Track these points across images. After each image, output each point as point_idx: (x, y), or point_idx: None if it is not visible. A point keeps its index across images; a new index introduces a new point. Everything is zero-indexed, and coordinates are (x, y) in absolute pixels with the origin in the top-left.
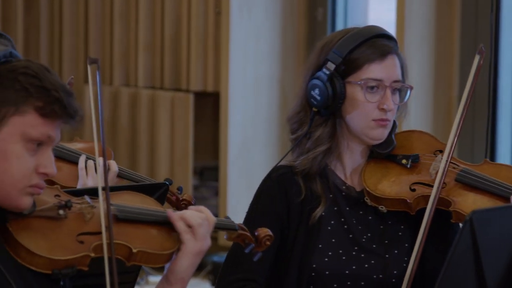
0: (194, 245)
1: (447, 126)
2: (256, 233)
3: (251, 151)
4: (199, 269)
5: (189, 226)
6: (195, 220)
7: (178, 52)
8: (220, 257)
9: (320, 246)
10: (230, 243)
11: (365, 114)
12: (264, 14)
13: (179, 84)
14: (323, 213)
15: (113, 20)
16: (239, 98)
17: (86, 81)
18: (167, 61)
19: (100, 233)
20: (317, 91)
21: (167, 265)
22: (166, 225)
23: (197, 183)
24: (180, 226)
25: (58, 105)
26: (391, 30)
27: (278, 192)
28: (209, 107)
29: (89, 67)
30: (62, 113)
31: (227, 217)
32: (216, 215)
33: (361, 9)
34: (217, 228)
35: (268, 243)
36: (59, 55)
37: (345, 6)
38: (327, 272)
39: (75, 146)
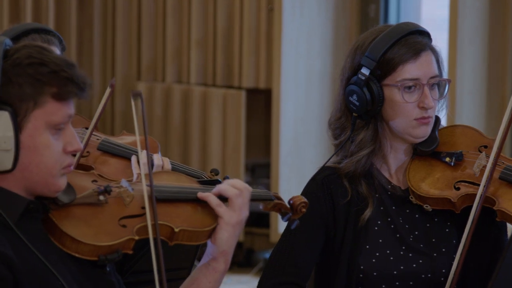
0: (231, 216)
1: (500, 123)
2: (291, 202)
3: (302, 148)
4: (251, 266)
5: (226, 198)
6: (231, 191)
7: (230, 49)
8: None
9: (367, 247)
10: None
11: (406, 114)
12: (316, 10)
13: (231, 81)
14: (370, 214)
15: (165, 17)
16: (291, 94)
17: (139, 79)
18: (219, 58)
19: (141, 215)
20: (355, 97)
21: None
22: (205, 201)
23: (248, 180)
24: (212, 200)
25: (71, 84)
26: (444, 26)
27: (323, 194)
28: (260, 103)
29: (132, 100)
30: (76, 89)
31: (262, 187)
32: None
33: (413, 5)
34: (254, 199)
35: (303, 210)
36: (112, 53)
37: (397, 2)
38: (375, 273)
39: (123, 140)
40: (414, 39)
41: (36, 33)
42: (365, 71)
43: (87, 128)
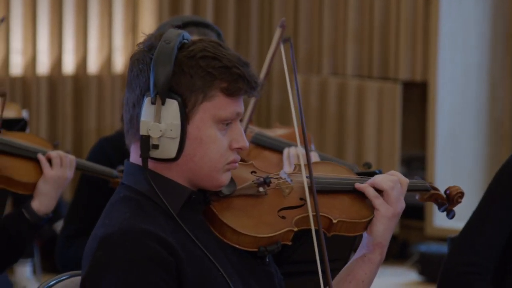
0: (387, 209)
1: None
2: (447, 192)
3: (458, 141)
4: (406, 258)
5: (381, 191)
6: (387, 183)
7: (387, 41)
8: (427, 247)
9: None
10: (437, 233)
11: None
12: (473, 2)
13: (387, 73)
14: None
15: (322, 10)
16: (447, 87)
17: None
18: (376, 50)
19: (299, 206)
20: None
21: None
22: (360, 192)
23: (404, 173)
24: (369, 192)
25: (241, 81)
26: None
27: None
28: (416, 96)
29: (282, 46)
30: (246, 87)
31: (418, 178)
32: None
33: None
34: (410, 190)
35: (460, 200)
36: (268, 46)
37: None
38: None
39: (276, 132)
40: None
41: (194, 26)
42: None
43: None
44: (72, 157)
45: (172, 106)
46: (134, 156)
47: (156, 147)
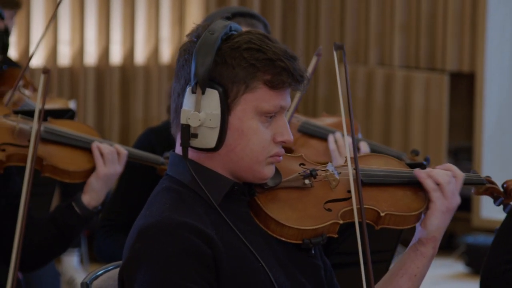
0: (442, 202)
1: None
2: (504, 185)
3: (506, 132)
4: (452, 249)
5: (437, 184)
6: (443, 177)
7: (434, 31)
8: (474, 238)
9: None
10: (484, 224)
11: None
12: None
13: (434, 63)
14: None
15: (369, 1)
16: (495, 78)
17: (339, 61)
18: (423, 40)
19: (346, 199)
20: None
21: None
22: (412, 185)
23: (451, 163)
24: (428, 184)
25: (286, 74)
26: None
27: None
28: (463, 87)
29: (334, 53)
30: (290, 80)
31: (474, 171)
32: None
33: None
34: (466, 183)
35: None
36: (315, 37)
37: None
38: None
39: (323, 121)
40: None
41: (241, 17)
42: None
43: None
44: (124, 151)
45: (212, 96)
46: (178, 147)
47: (195, 136)
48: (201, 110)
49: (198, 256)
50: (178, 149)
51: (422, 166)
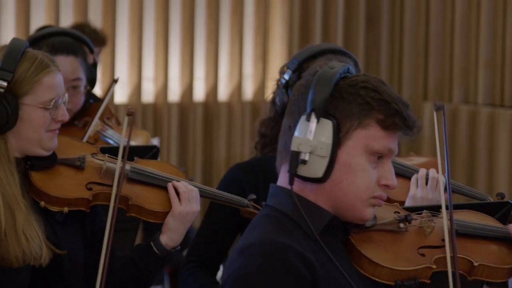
0: None
1: None
2: None
3: None
4: None
5: None
6: None
7: None
8: None
9: None
10: None
11: None
12: None
13: None
14: None
15: (453, 37)
16: None
17: (425, 98)
18: (508, 77)
19: (440, 247)
20: None
21: None
22: (507, 241)
23: None
24: None
25: (398, 117)
26: None
27: None
28: None
29: (435, 113)
30: (402, 124)
31: None
32: None
33: None
34: None
35: None
36: (398, 72)
37: None
38: None
39: (411, 161)
40: None
41: (332, 54)
42: None
43: None
44: (195, 189)
45: (326, 126)
46: (281, 179)
47: (304, 162)
48: (313, 137)
49: (298, 278)
50: (280, 182)
51: (509, 205)
